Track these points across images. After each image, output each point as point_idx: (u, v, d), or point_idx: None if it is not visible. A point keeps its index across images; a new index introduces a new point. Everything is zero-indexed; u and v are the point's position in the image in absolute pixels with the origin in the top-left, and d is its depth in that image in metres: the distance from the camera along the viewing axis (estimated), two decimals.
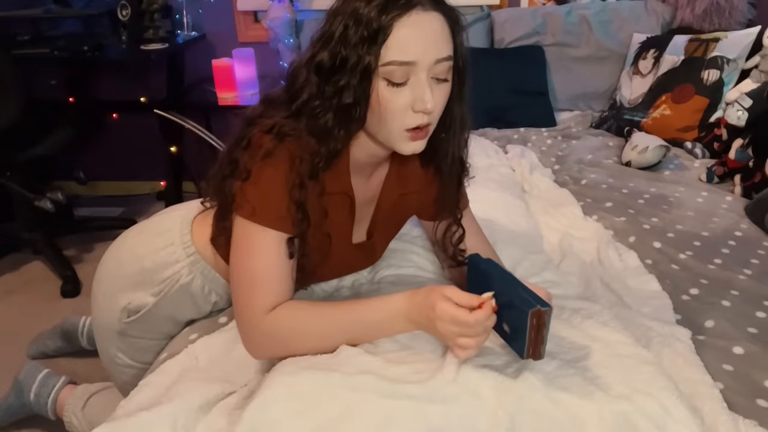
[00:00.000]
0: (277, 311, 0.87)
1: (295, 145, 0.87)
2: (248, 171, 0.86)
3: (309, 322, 0.89)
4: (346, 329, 0.89)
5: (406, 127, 0.86)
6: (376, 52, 0.81)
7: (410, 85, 0.84)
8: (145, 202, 2.96)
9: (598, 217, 1.58)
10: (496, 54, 2.52)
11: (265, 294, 0.87)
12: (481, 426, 0.77)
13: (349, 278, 1.17)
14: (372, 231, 1.07)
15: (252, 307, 0.87)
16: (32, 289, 2.27)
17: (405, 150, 0.89)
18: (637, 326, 1.05)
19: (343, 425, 0.76)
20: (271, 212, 0.87)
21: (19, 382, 1.55)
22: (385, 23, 0.80)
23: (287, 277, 0.90)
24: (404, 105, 0.85)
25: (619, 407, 0.78)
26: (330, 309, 0.91)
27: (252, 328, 0.88)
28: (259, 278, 0.88)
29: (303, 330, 0.88)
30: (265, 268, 0.88)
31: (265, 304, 0.87)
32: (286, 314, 0.88)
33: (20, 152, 2.20)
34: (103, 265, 1.16)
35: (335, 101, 0.85)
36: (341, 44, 0.83)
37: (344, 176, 0.96)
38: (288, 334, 0.88)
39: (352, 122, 0.87)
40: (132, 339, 1.15)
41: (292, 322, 0.88)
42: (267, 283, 0.88)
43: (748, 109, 1.83)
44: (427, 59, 0.83)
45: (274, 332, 0.88)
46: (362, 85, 0.83)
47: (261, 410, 0.78)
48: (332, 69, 0.84)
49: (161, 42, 2.53)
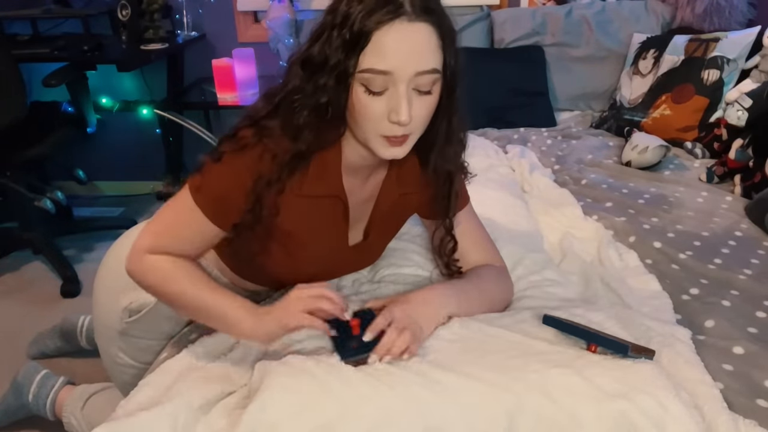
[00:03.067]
0: (159, 256, 0.93)
1: (271, 143, 0.88)
2: (220, 154, 0.89)
3: (173, 282, 0.93)
4: (194, 307, 0.94)
5: (382, 134, 0.85)
6: (355, 57, 0.80)
7: (387, 94, 0.82)
8: (145, 202, 2.96)
9: (598, 217, 1.58)
10: (496, 54, 2.52)
11: (164, 240, 0.94)
12: (481, 426, 0.77)
13: (349, 278, 1.17)
14: (369, 231, 1.07)
15: (147, 240, 0.94)
16: (32, 289, 2.27)
17: (384, 155, 0.88)
18: (637, 326, 1.05)
19: (342, 425, 0.76)
20: (214, 203, 0.91)
21: (18, 382, 1.55)
22: (366, 29, 0.79)
23: (190, 244, 0.95)
24: (380, 113, 0.83)
25: (618, 406, 0.78)
26: (194, 284, 0.93)
27: (136, 255, 0.95)
28: (170, 228, 0.95)
29: (165, 284, 0.94)
30: (180, 226, 0.94)
31: (157, 245, 0.94)
32: (163, 265, 0.93)
33: (20, 152, 2.20)
34: (105, 264, 1.16)
35: (312, 99, 0.85)
36: (327, 43, 0.82)
37: (334, 178, 0.95)
38: (154, 279, 0.94)
39: (323, 124, 0.87)
40: (133, 339, 1.15)
41: (163, 273, 0.93)
42: (171, 235, 0.94)
43: (748, 109, 1.83)
44: (406, 71, 0.81)
45: (148, 271, 0.94)
46: (338, 87, 0.83)
47: (260, 411, 0.78)
48: (316, 66, 0.84)
49: (161, 42, 2.53)
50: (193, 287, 0.93)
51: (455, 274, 1.10)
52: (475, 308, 1.01)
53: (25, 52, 2.37)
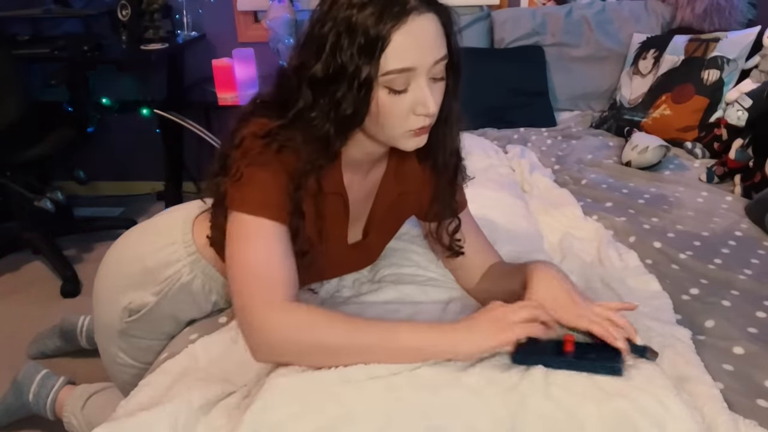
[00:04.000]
0: (292, 303, 0.81)
1: (291, 158, 0.86)
2: (241, 173, 0.85)
3: (330, 321, 0.82)
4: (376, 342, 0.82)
5: (409, 129, 0.86)
6: (375, 63, 0.79)
7: (411, 90, 0.83)
8: (145, 202, 2.96)
9: (598, 217, 1.58)
10: (496, 54, 2.52)
11: (268, 285, 0.81)
12: (483, 426, 0.77)
13: (350, 277, 1.17)
14: (368, 230, 1.07)
15: (254, 301, 0.81)
16: (32, 289, 2.27)
17: (408, 147, 0.89)
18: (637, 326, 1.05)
19: (344, 427, 0.76)
20: (264, 202, 0.85)
21: (18, 382, 1.55)
22: (383, 33, 0.78)
23: (290, 266, 0.85)
24: (406, 110, 0.84)
25: (618, 405, 0.78)
26: (361, 319, 0.85)
27: (256, 325, 0.80)
28: (259, 269, 0.82)
29: (323, 327, 0.81)
30: (264, 258, 0.83)
31: (270, 295, 0.81)
32: (304, 308, 0.82)
33: (20, 152, 2.20)
34: (105, 264, 1.16)
35: (333, 113, 0.83)
36: (335, 54, 0.80)
37: (336, 176, 0.95)
38: (305, 329, 0.80)
39: (352, 130, 0.87)
40: (133, 339, 1.15)
41: (310, 315, 0.81)
42: (267, 274, 0.82)
43: (748, 109, 1.83)
44: (425, 63, 0.82)
45: (287, 332, 0.80)
46: (362, 95, 0.82)
47: (261, 413, 0.78)
48: (327, 79, 0.82)
49: (161, 42, 2.53)
50: (366, 326, 0.83)
51: (458, 254, 1.09)
52: None
53: (25, 52, 2.37)
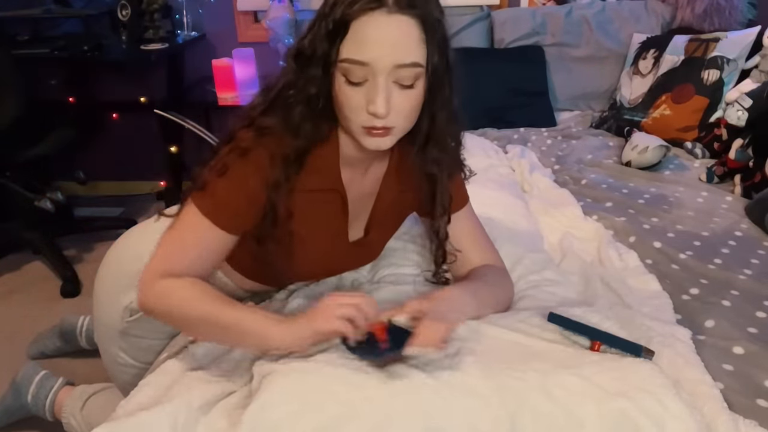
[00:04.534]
0: (171, 279, 0.88)
1: (272, 143, 0.87)
2: (224, 165, 0.88)
3: (191, 304, 0.88)
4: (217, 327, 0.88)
5: (362, 125, 0.85)
6: (336, 47, 0.82)
7: (367, 85, 0.83)
8: (145, 202, 2.96)
9: (598, 217, 1.58)
10: (496, 54, 2.52)
11: (173, 262, 0.89)
12: (482, 426, 0.77)
13: (349, 277, 1.17)
14: (369, 228, 1.07)
15: (156, 266, 0.90)
16: (32, 289, 2.27)
17: (367, 145, 0.88)
18: (637, 326, 1.05)
19: (344, 425, 0.76)
20: (218, 207, 0.89)
21: (17, 383, 1.55)
22: (346, 18, 0.80)
23: (202, 261, 0.92)
24: (359, 104, 0.84)
25: (618, 405, 0.78)
26: (213, 304, 0.89)
27: (146, 284, 0.90)
28: (177, 248, 0.91)
29: (181, 308, 0.89)
30: (187, 244, 0.90)
31: (167, 269, 0.89)
32: (176, 288, 0.88)
33: (20, 152, 2.20)
34: (105, 264, 1.16)
35: (304, 92, 0.86)
36: (315, 34, 0.84)
37: (333, 172, 0.95)
38: (168, 304, 0.89)
39: (318, 116, 0.88)
40: (134, 338, 1.15)
41: (178, 296, 0.88)
42: (181, 256, 0.90)
43: (748, 109, 1.83)
44: (383, 63, 0.81)
45: (160, 297, 0.89)
46: (324, 78, 0.84)
47: (261, 411, 0.78)
48: (306, 58, 0.85)
49: (161, 42, 2.53)
50: (213, 306, 0.87)
51: (440, 283, 1.11)
52: (488, 310, 1.00)
53: (25, 52, 2.37)
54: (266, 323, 0.86)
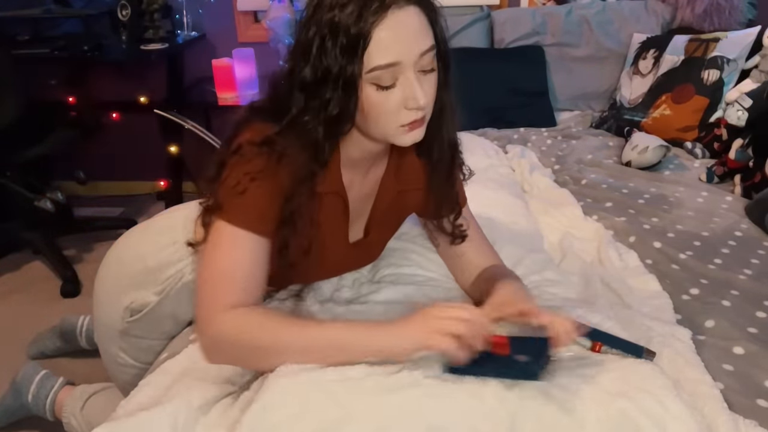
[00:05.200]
0: (235, 310, 0.83)
1: (289, 166, 0.86)
2: (238, 182, 0.85)
3: (273, 331, 0.83)
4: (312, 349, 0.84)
5: (401, 124, 0.86)
6: (359, 61, 0.80)
7: (399, 84, 0.83)
8: (145, 202, 2.96)
9: (598, 217, 1.58)
10: (496, 54, 2.52)
11: (227, 292, 0.84)
12: (483, 427, 0.77)
13: (350, 277, 1.17)
14: (369, 228, 1.07)
15: (211, 305, 0.83)
16: (32, 289, 2.27)
17: (405, 142, 0.88)
18: (637, 326, 1.05)
19: (343, 428, 0.76)
20: (247, 214, 0.86)
21: (17, 383, 1.55)
22: (364, 30, 0.79)
23: (255, 276, 0.87)
24: (396, 105, 0.84)
25: (618, 405, 0.78)
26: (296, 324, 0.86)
27: (207, 327, 0.84)
28: (222, 274, 0.85)
29: (260, 327, 0.83)
30: (229, 265, 0.85)
31: (226, 302, 0.83)
32: (243, 310, 0.83)
33: (20, 152, 2.20)
34: (106, 264, 1.16)
35: (323, 114, 0.84)
36: (321, 56, 0.81)
37: (335, 175, 0.95)
38: (239, 331, 0.83)
39: (340, 132, 0.88)
40: (134, 339, 1.15)
41: (247, 316, 0.83)
42: (228, 280, 0.84)
43: (748, 109, 1.83)
44: (411, 56, 0.82)
45: (227, 333, 0.83)
46: (347, 95, 0.83)
47: (261, 413, 0.78)
48: (316, 82, 0.83)
49: (161, 42, 2.53)
50: (303, 328, 0.84)
51: (461, 239, 1.09)
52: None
53: (25, 52, 2.37)
54: (370, 335, 0.83)
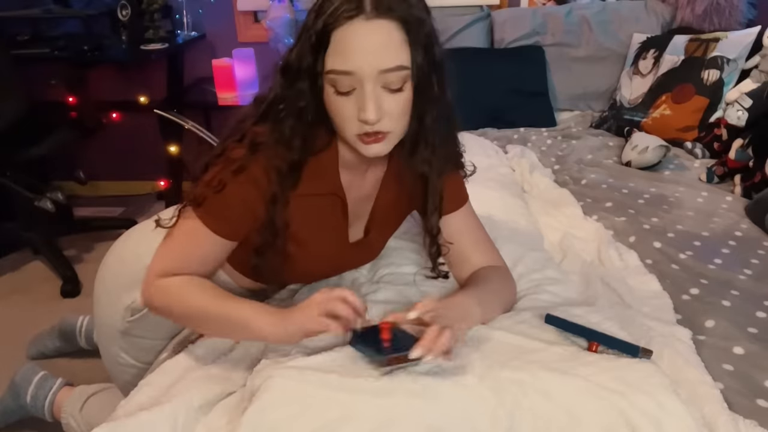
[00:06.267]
0: (171, 277, 0.92)
1: (266, 157, 0.88)
2: (220, 181, 0.88)
3: (187, 299, 0.91)
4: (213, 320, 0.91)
5: (355, 133, 0.86)
6: (321, 59, 0.82)
7: (355, 94, 0.83)
8: (145, 202, 2.96)
9: (598, 217, 1.58)
10: (496, 54, 2.52)
11: (174, 262, 0.93)
12: (481, 426, 0.77)
13: (349, 277, 1.17)
14: (370, 228, 1.07)
15: (155, 266, 0.94)
16: (32, 289, 2.27)
17: (366, 153, 0.88)
18: (637, 326, 1.05)
19: (343, 427, 0.76)
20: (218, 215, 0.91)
21: (16, 384, 1.54)
22: (327, 29, 0.81)
23: (198, 266, 0.94)
24: (350, 113, 0.84)
25: (616, 404, 0.78)
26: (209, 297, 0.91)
27: (147, 283, 0.94)
28: (179, 251, 0.94)
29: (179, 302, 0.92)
30: (184, 247, 0.94)
31: (167, 268, 0.93)
32: (174, 284, 0.92)
33: (20, 152, 2.20)
34: (106, 264, 1.16)
35: (294, 106, 0.86)
36: (300, 48, 0.84)
37: (332, 176, 0.96)
38: (167, 300, 0.93)
39: (309, 128, 0.88)
40: (135, 338, 1.15)
41: (176, 291, 0.92)
42: (181, 257, 0.94)
43: (748, 109, 1.83)
44: (368, 70, 0.81)
45: (159, 293, 0.93)
46: (313, 89, 0.84)
47: (260, 413, 0.78)
48: (294, 71, 0.85)
49: (161, 42, 2.53)
50: (209, 299, 0.90)
51: (440, 277, 1.10)
52: (494, 314, 1.00)
53: (25, 52, 2.37)
54: (257, 317, 0.87)
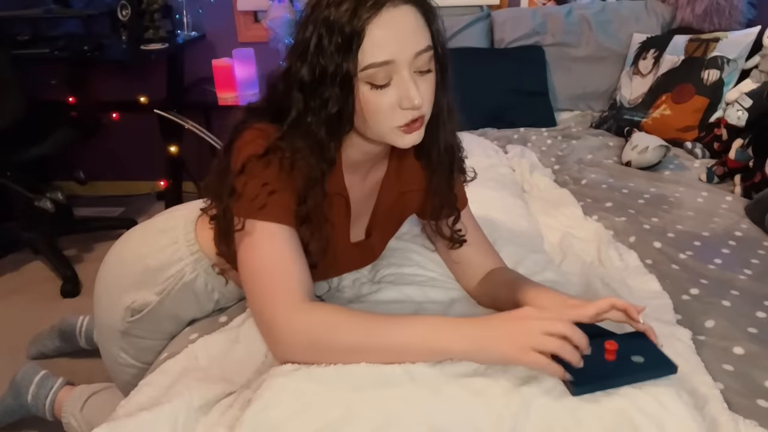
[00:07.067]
0: (311, 304, 0.82)
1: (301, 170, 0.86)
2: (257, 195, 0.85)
3: (350, 320, 0.81)
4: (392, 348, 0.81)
5: (397, 125, 0.85)
6: (353, 58, 0.81)
7: (394, 84, 0.83)
8: (145, 202, 2.96)
9: (598, 217, 1.58)
10: (496, 54, 2.52)
11: (285, 287, 0.82)
12: (484, 426, 0.77)
13: (350, 277, 1.17)
14: (371, 229, 1.08)
15: (273, 304, 0.82)
16: (32, 289, 2.27)
17: (403, 144, 0.88)
18: None
19: (344, 427, 0.76)
20: (272, 206, 0.85)
21: (17, 383, 1.55)
22: (357, 27, 0.79)
23: (302, 266, 0.86)
24: (391, 105, 0.84)
25: (618, 405, 0.78)
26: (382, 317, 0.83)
27: (278, 327, 0.81)
28: (272, 271, 0.83)
29: (342, 327, 0.80)
30: (275, 260, 0.84)
31: (288, 297, 0.82)
32: (323, 307, 0.83)
33: (20, 152, 2.20)
34: (106, 264, 1.16)
35: (323, 114, 0.84)
36: (318, 55, 0.82)
37: (337, 177, 0.96)
38: (325, 330, 0.80)
39: (342, 130, 0.88)
40: (135, 338, 1.15)
41: (330, 315, 0.81)
42: (281, 275, 0.83)
43: (748, 109, 1.83)
44: (405, 55, 0.81)
45: (309, 325, 0.80)
46: (344, 93, 0.83)
47: (261, 412, 0.78)
48: (314, 82, 0.83)
49: (161, 42, 2.53)
50: (380, 326, 0.81)
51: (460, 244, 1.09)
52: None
53: (25, 52, 2.37)
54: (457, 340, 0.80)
